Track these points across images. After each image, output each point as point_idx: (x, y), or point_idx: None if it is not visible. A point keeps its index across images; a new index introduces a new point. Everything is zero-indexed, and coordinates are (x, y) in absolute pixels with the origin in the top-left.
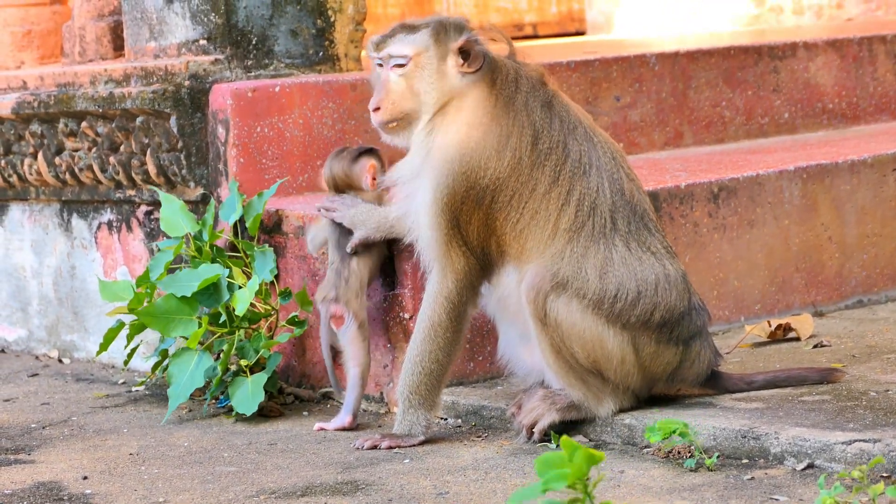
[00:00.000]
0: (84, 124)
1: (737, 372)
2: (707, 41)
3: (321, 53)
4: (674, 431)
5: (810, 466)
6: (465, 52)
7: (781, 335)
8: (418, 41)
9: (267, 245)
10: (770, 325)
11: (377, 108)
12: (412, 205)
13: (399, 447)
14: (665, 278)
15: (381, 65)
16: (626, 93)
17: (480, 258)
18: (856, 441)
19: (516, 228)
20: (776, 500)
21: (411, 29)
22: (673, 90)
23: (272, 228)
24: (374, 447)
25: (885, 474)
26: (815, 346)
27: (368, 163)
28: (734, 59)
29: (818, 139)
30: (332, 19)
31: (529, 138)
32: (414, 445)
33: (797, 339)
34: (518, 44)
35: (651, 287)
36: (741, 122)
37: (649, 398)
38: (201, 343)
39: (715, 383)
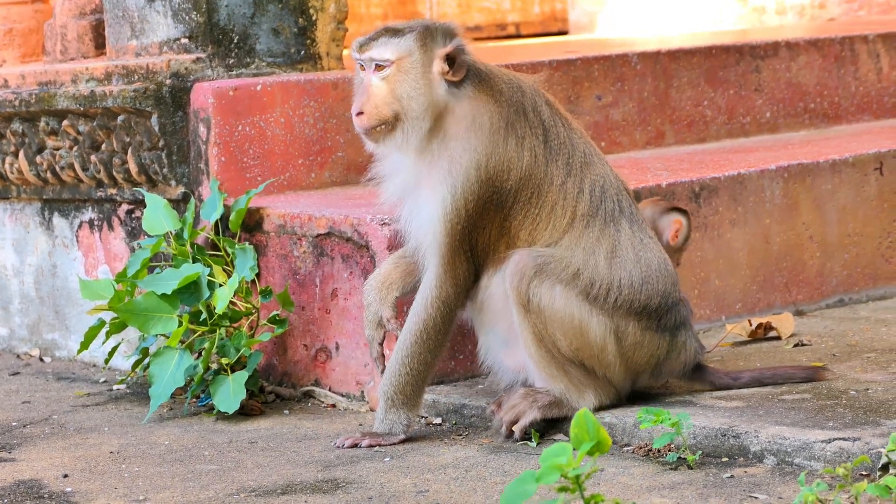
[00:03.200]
0: (65, 123)
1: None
2: (689, 41)
3: (303, 52)
4: (664, 420)
5: (790, 465)
6: (451, 60)
7: (762, 334)
8: (402, 45)
9: (248, 243)
10: (751, 324)
11: (360, 113)
12: (419, 212)
13: (380, 445)
14: (664, 263)
15: (363, 67)
16: (607, 92)
17: (479, 263)
18: (835, 439)
19: (534, 223)
20: (755, 497)
21: (396, 32)
22: (655, 89)
23: (253, 227)
24: (355, 445)
25: (864, 472)
26: (795, 346)
27: (675, 219)
28: (716, 59)
29: (800, 138)
30: (313, 18)
31: (542, 137)
32: (395, 444)
33: (778, 338)
34: (501, 43)
35: (654, 272)
36: (723, 122)
37: (630, 397)
38: (182, 341)
39: (700, 377)
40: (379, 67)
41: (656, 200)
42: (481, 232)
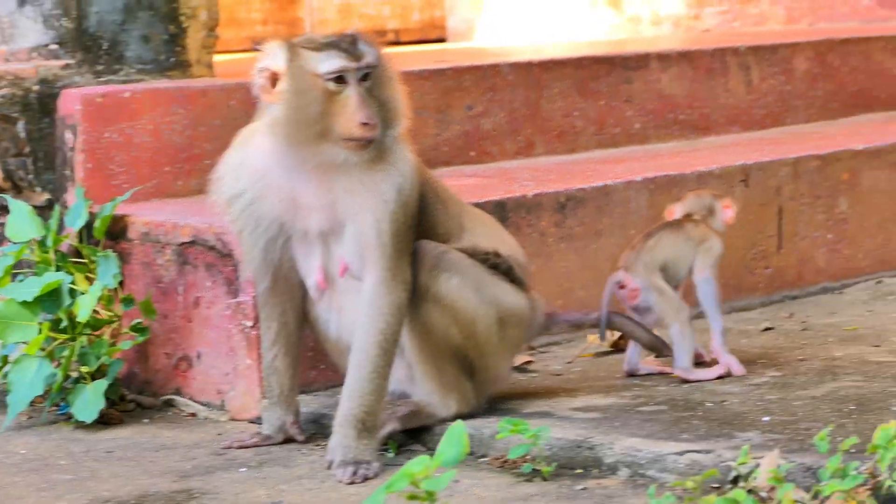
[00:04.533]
0: None
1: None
2: (561, 51)
3: (173, 59)
4: (522, 431)
5: (643, 476)
6: None
7: (624, 344)
8: (377, 51)
9: (111, 251)
10: (612, 335)
11: (369, 123)
12: (361, 215)
13: (366, 478)
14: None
15: (339, 79)
16: (478, 102)
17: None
18: (688, 452)
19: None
20: None
21: (365, 37)
22: (525, 100)
23: (118, 235)
24: (352, 483)
25: (715, 485)
26: (657, 356)
27: (726, 203)
28: (587, 70)
29: (669, 150)
30: (184, 25)
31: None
32: (378, 475)
33: None
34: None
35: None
36: (593, 132)
37: (487, 408)
38: (42, 349)
39: (555, 324)
40: (368, 75)
41: (698, 191)
42: (414, 230)
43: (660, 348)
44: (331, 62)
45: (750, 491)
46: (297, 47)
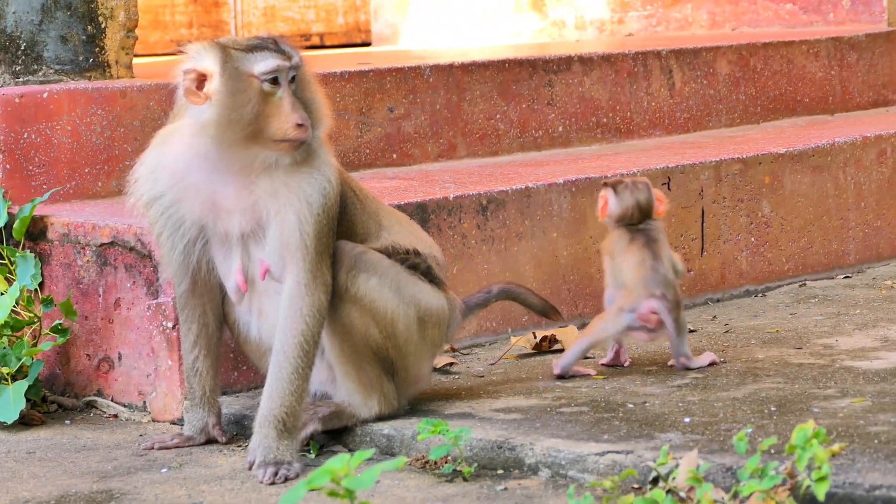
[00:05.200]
0: None
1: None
2: (483, 54)
3: (91, 60)
4: (443, 432)
5: (563, 477)
6: None
7: (547, 347)
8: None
9: (30, 252)
10: (535, 337)
11: (303, 125)
12: (284, 217)
13: (287, 479)
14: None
15: (272, 80)
16: (399, 104)
17: None
18: (608, 452)
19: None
20: None
21: (285, 40)
22: (447, 102)
23: (38, 235)
24: (272, 483)
25: (635, 485)
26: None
27: (659, 195)
28: (509, 73)
29: (591, 153)
30: (102, 26)
31: None
32: (299, 475)
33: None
34: (304, 53)
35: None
36: (515, 135)
37: (407, 411)
38: None
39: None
40: (293, 78)
41: (626, 185)
42: (335, 232)
43: (550, 313)
44: (266, 62)
45: (669, 491)
46: (228, 48)
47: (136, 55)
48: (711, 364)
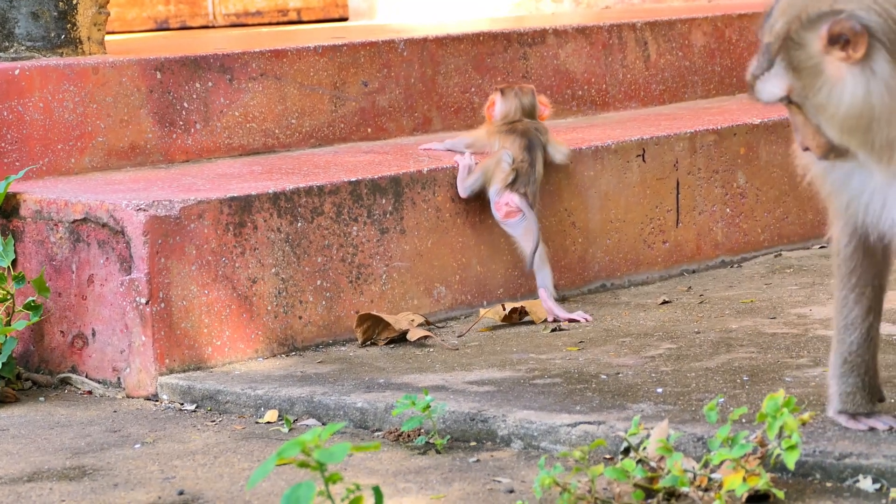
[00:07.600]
0: None
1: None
2: (457, 27)
3: (63, 36)
4: (416, 405)
5: (536, 448)
6: None
7: (517, 318)
8: None
9: (3, 229)
10: (504, 309)
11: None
12: None
13: None
14: None
15: None
16: (374, 78)
17: None
18: (580, 423)
19: None
20: (499, 481)
21: None
22: (422, 76)
23: (10, 213)
24: None
25: (607, 456)
26: (553, 330)
27: (542, 100)
28: (483, 46)
29: (566, 125)
30: (74, 2)
31: None
32: None
33: (532, 322)
34: (281, 28)
35: None
36: None
37: (381, 384)
38: None
39: None
40: None
41: (515, 90)
42: None
43: None
44: None
45: (640, 461)
46: None
47: (113, 32)
48: (575, 321)
